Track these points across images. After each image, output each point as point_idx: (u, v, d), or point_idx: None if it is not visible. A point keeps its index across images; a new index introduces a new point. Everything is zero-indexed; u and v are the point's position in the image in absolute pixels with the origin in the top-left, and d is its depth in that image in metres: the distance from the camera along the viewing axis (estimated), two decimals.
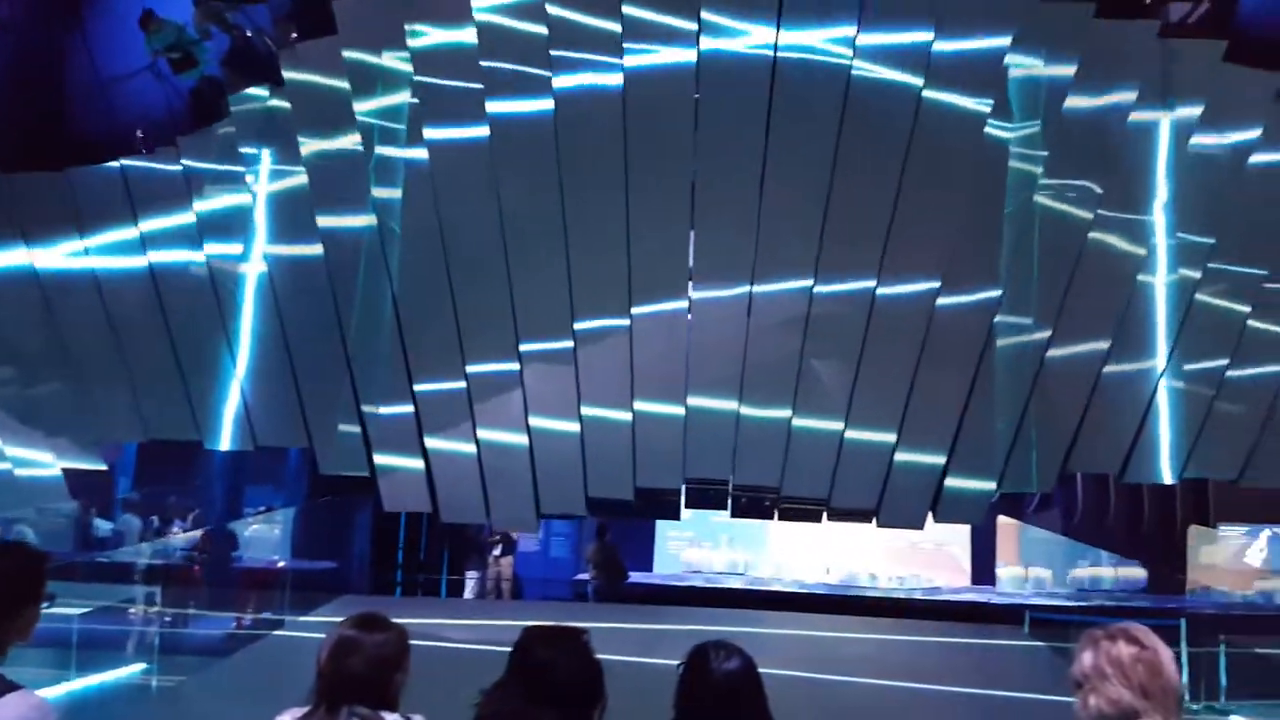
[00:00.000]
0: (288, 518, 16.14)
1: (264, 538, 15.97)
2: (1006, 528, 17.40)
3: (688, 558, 18.21)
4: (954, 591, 17.06)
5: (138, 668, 10.44)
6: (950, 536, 17.20)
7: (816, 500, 11.12)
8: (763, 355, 10.93)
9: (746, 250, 10.92)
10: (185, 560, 14.25)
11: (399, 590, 17.22)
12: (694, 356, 10.97)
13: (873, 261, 10.86)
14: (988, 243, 10.85)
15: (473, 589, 16.85)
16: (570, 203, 11.02)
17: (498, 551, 16.75)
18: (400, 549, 17.45)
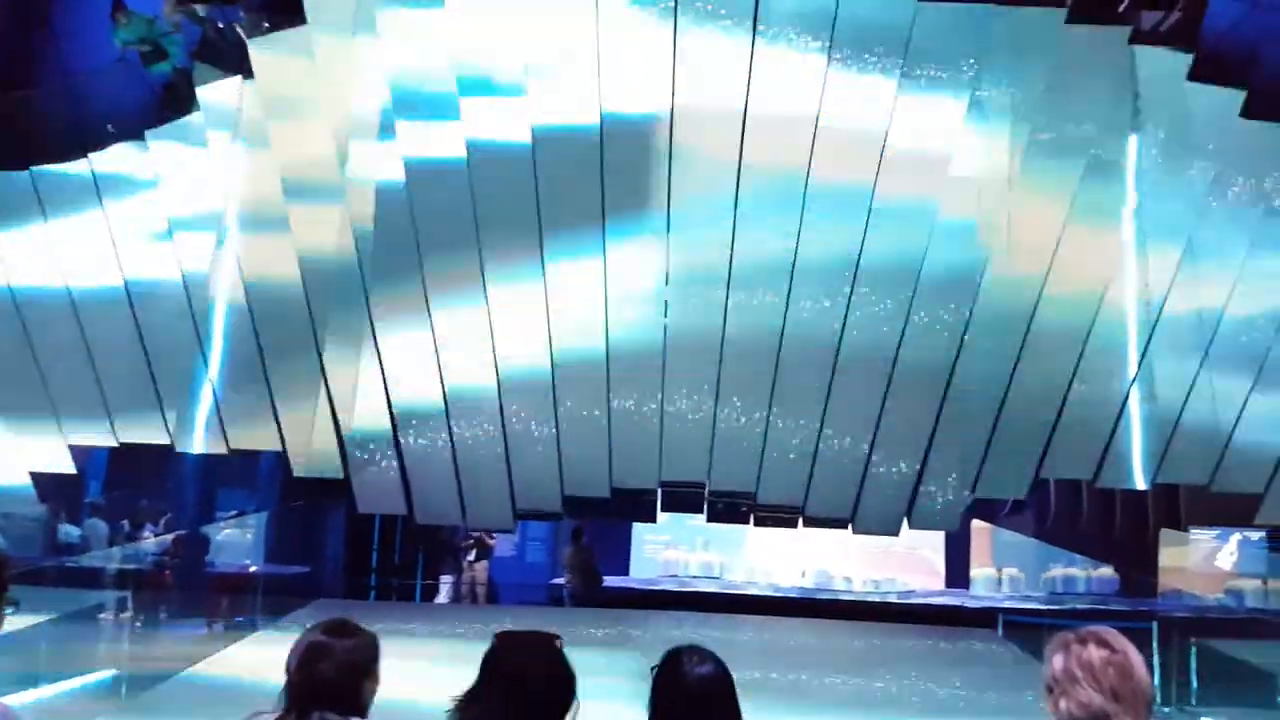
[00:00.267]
0: (260, 522, 16.02)
1: (236, 542, 15.84)
2: (980, 531, 17.44)
3: (664, 559, 18.18)
4: (928, 595, 17.10)
5: (107, 674, 10.33)
6: (924, 540, 17.20)
7: (791, 508, 11.14)
8: (739, 363, 10.94)
9: (722, 256, 10.94)
10: (156, 565, 14.14)
11: (373, 595, 17.12)
12: (670, 361, 10.97)
13: (847, 273, 10.93)
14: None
15: (447, 594, 16.78)
16: (545, 205, 11.01)
17: (471, 556, 16.69)
18: (374, 553, 17.35)
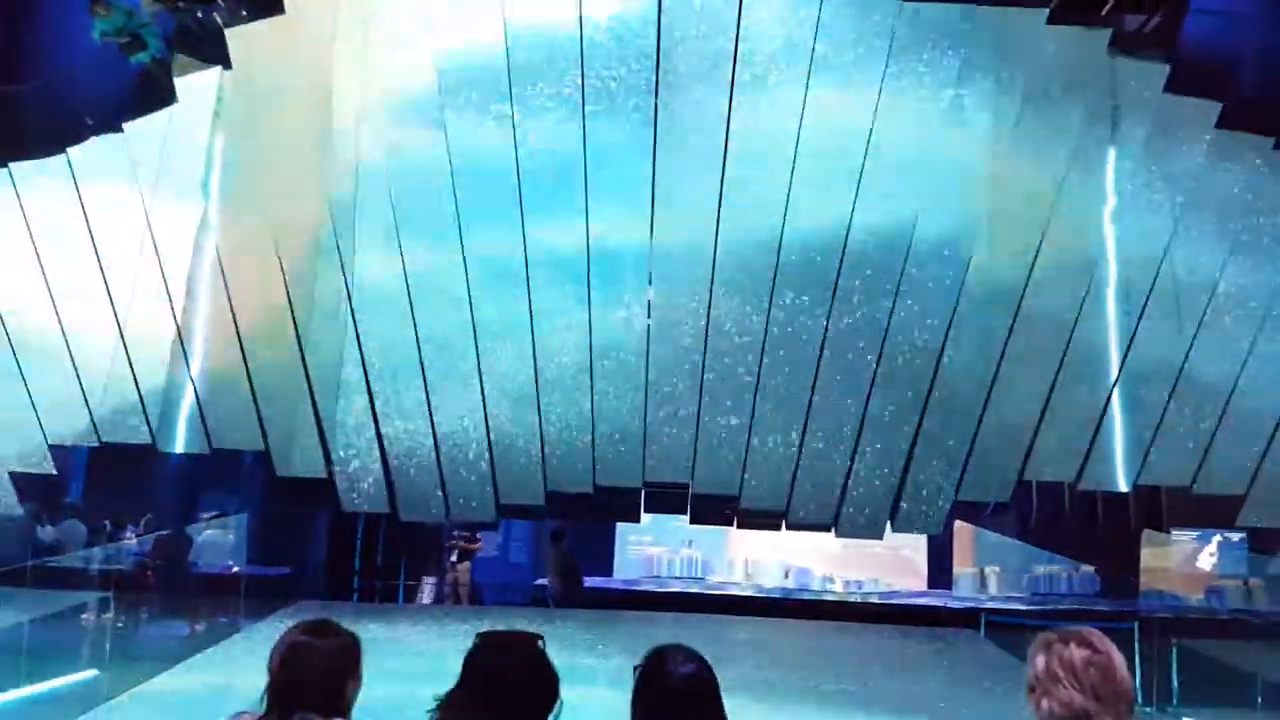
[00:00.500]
0: (242, 522, 15.96)
1: (218, 543, 15.78)
2: (963, 531, 17.49)
3: (647, 558, 18.17)
4: (910, 595, 17.14)
5: (89, 674, 10.29)
6: (906, 540, 17.23)
7: (775, 512, 11.13)
8: (720, 365, 10.94)
9: (705, 256, 10.94)
10: (138, 566, 14.09)
11: (355, 596, 17.08)
12: (653, 364, 10.96)
13: (829, 276, 10.96)
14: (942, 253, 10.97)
15: (430, 595, 16.75)
16: (528, 199, 10.99)
17: (454, 558, 16.65)
18: (357, 554, 17.31)
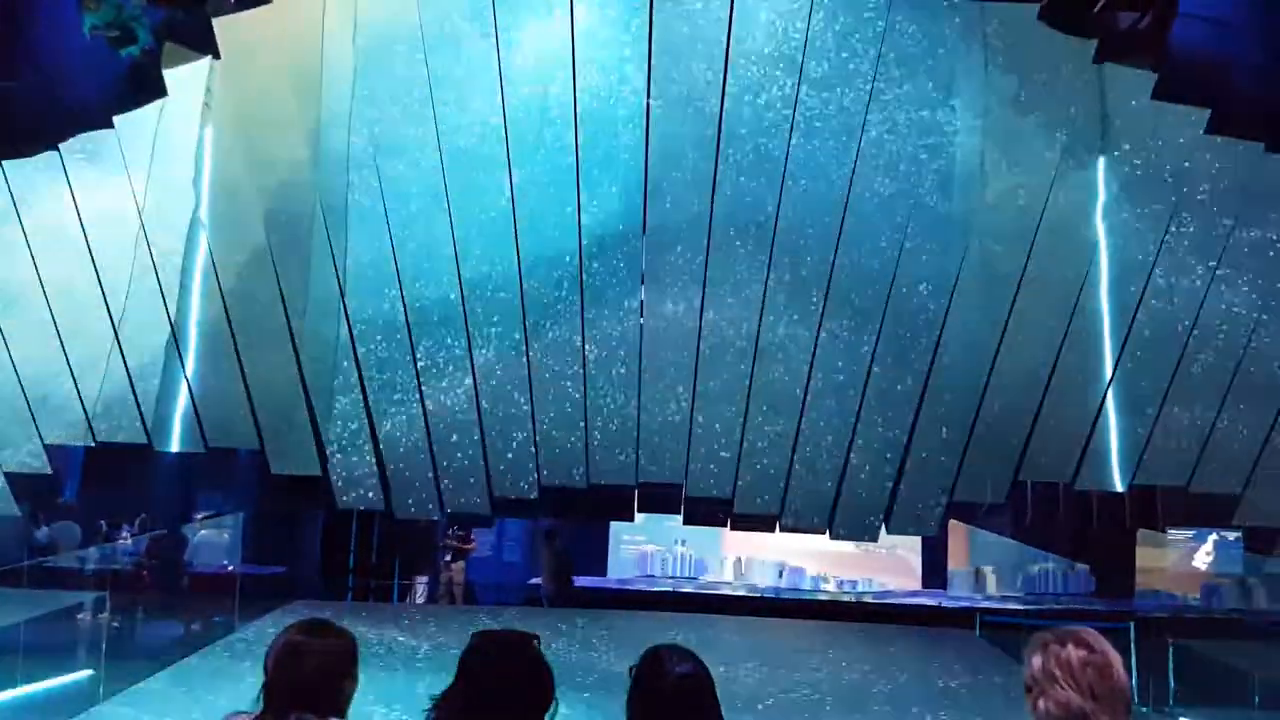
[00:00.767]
0: (238, 522, 15.95)
1: (214, 542, 15.77)
2: (957, 531, 17.49)
3: (641, 556, 18.17)
4: (905, 595, 17.14)
5: (84, 674, 10.27)
6: (901, 539, 17.25)
7: (768, 515, 11.13)
8: (715, 367, 10.94)
9: (697, 258, 10.95)
10: (133, 565, 14.06)
11: (350, 595, 17.06)
12: (646, 364, 10.96)
13: (822, 278, 10.96)
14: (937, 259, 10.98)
15: (424, 594, 16.74)
16: (520, 197, 10.98)
17: (448, 557, 16.64)
18: (351, 553, 17.29)
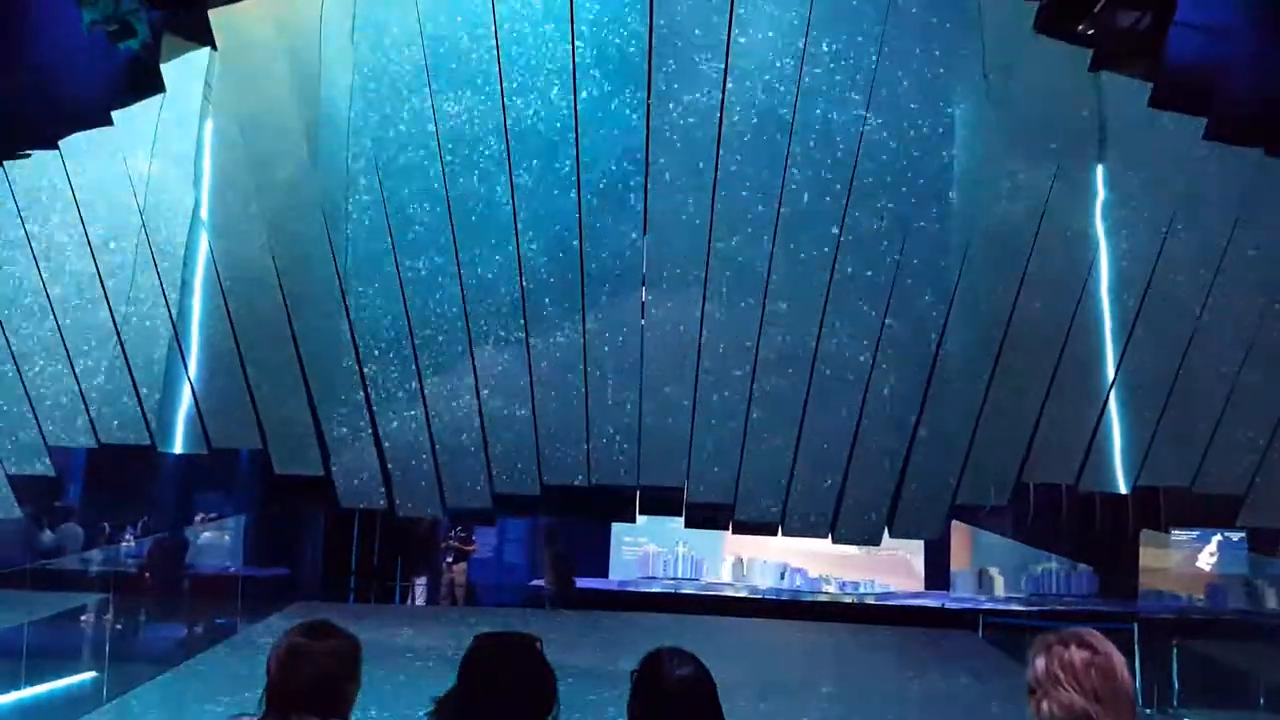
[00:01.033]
0: (240, 524, 15.96)
1: (216, 544, 15.79)
2: (960, 532, 17.50)
3: (643, 557, 18.17)
4: (907, 596, 17.13)
5: (88, 676, 10.28)
6: (904, 541, 17.27)
7: (770, 519, 11.11)
8: (715, 371, 10.92)
9: (698, 259, 10.93)
10: (136, 567, 14.07)
11: (352, 596, 17.07)
12: (647, 367, 10.95)
13: (822, 280, 10.95)
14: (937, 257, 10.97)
15: (425, 595, 16.75)
16: (521, 196, 10.97)
17: (450, 558, 16.64)
18: (353, 555, 17.30)
